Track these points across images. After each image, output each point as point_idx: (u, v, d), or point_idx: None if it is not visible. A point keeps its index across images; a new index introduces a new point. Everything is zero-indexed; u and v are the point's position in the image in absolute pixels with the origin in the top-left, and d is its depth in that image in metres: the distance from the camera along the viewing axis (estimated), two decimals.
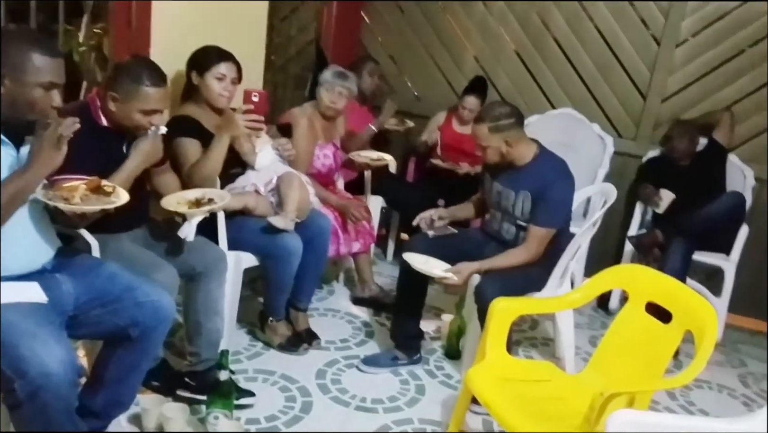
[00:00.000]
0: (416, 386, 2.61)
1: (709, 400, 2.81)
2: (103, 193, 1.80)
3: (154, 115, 2.05)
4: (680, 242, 3.22)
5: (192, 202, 2.20)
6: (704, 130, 3.53)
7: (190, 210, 2.16)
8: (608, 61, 3.88)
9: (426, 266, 2.48)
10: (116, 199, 1.80)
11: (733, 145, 3.58)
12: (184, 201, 2.20)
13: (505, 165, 2.55)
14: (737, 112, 3.62)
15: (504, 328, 2.06)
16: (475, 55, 4.17)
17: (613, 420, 1.52)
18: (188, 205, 2.18)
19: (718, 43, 3.67)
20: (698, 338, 1.75)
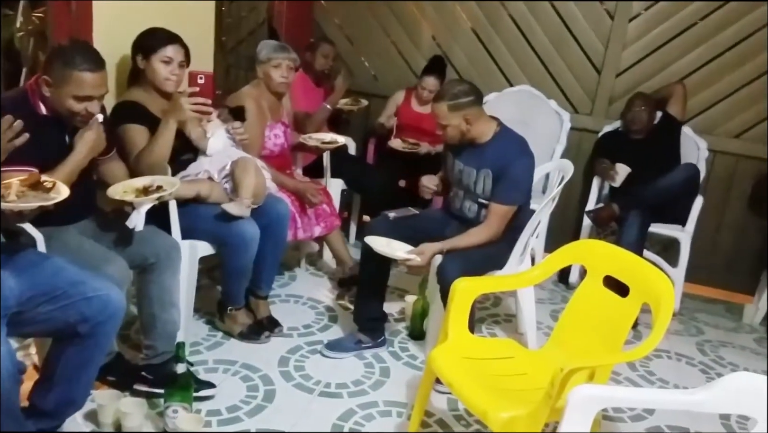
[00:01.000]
0: (381, 369, 2.59)
1: (669, 369, 2.87)
2: (43, 189, 1.72)
3: (90, 101, 1.95)
4: (636, 215, 3.26)
5: (140, 190, 2.12)
6: (658, 104, 3.57)
7: (137, 198, 2.08)
8: (563, 36, 3.88)
9: (388, 248, 2.46)
10: (56, 195, 1.72)
11: (686, 117, 3.63)
12: (131, 189, 2.12)
13: (465, 143, 2.54)
14: (690, 84, 3.67)
15: (465, 308, 2.05)
16: (432, 34, 4.13)
17: (573, 396, 1.52)
18: (135, 194, 2.10)
19: (670, 17, 3.70)
20: (655, 310, 1.76)
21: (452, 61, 4.07)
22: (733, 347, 3.18)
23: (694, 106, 3.72)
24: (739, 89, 3.68)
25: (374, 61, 4.25)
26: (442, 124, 2.49)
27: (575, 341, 2.01)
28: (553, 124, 3.84)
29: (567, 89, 3.95)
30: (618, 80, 3.85)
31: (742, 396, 1.42)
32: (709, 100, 3.72)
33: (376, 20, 4.16)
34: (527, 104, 3.89)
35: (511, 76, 4.02)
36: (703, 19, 3.65)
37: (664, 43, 3.75)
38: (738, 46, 3.63)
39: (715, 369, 2.93)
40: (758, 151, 3.66)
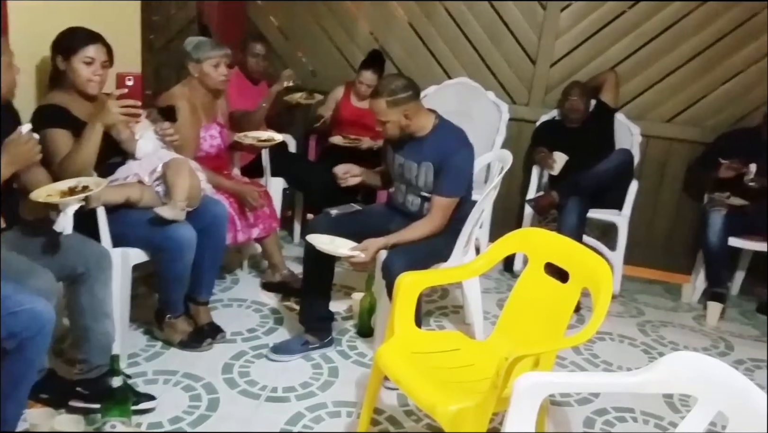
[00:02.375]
0: (329, 369, 2.55)
1: (612, 351, 2.93)
2: None
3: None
4: (575, 201, 3.32)
5: (64, 192, 2.01)
6: (592, 92, 3.64)
7: (63, 199, 1.97)
8: (498, 28, 3.91)
9: (331, 246, 2.42)
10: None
11: (619, 104, 3.72)
12: (55, 192, 2.00)
13: (405, 137, 2.52)
14: (622, 71, 3.76)
15: (411, 302, 2.03)
16: (369, 29, 4.10)
17: (518, 384, 1.52)
18: (60, 195, 1.99)
19: (600, 6, 3.77)
20: (594, 295, 1.78)
21: (390, 54, 4.05)
22: (673, 326, 3.27)
23: (627, 93, 3.81)
24: (668, 75, 3.79)
25: (311, 56, 4.19)
26: (381, 120, 2.47)
27: (520, 329, 2.02)
28: (492, 115, 3.87)
29: (504, 80, 3.99)
30: (553, 70, 3.91)
31: (682, 375, 1.45)
32: (641, 87, 3.81)
33: (312, 16, 4.10)
34: (466, 96, 3.90)
35: (449, 68, 4.03)
36: (632, 7, 3.74)
37: (596, 32, 3.82)
38: (666, 32, 3.73)
39: (657, 349, 3.01)
40: (690, 135, 3.79)
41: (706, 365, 1.43)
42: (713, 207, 3.43)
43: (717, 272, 3.45)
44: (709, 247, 3.42)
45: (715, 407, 1.38)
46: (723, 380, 1.38)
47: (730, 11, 3.62)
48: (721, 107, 3.77)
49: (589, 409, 2.42)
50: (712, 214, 3.41)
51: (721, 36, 3.67)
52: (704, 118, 3.79)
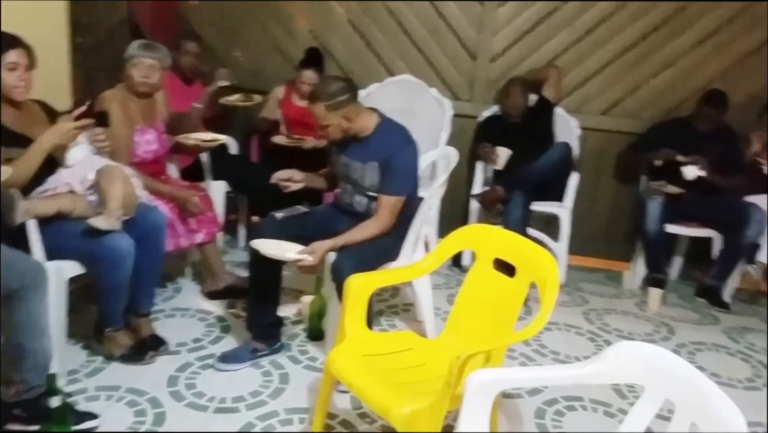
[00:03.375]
0: (280, 376, 2.50)
1: (559, 340, 2.98)
2: None
3: None
4: (519, 195, 3.37)
5: None
6: (533, 87, 3.69)
7: None
8: (437, 25, 3.93)
9: (278, 250, 2.36)
10: None
11: (561, 99, 3.78)
12: None
13: (349, 138, 2.49)
14: (559, 65, 3.83)
15: (362, 304, 2.01)
16: (307, 26, 4.05)
17: (470, 382, 1.52)
18: None
19: (534, 3, 3.83)
20: (541, 288, 1.80)
21: (330, 52, 4.01)
22: (617, 313, 3.36)
23: (564, 87, 3.87)
24: (603, 69, 3.88)
25: (250, 55, 4.10)
26: (323, 124, 2.43)
27: (470, 325, 2.03)
28: (436, 112, 3.88)
29: (446, 77, 4.01)
30: (493, 66, 3.95)
31: (628, 365, 1.47)
32: (578, 81, 3.90)
33: (248, 14, 4.02)
34: (410, 93, 3.90)
35: (391, 66, 4.02)
36: (566, 1, 3.81)
37: (532, 28, 3.88)
38: (598, 28, 3.82)
39: (602, 336, 3.08)
40: (625, 126, 3.89)
41: (652, 354, 1.45)
42: (650, 195, 3.54)
43: (656, 259, 3.56)
44: (648, 234, 3.54)
45: (662, 395, 1.40)
46: (668, 368, 1.40)
47: (658, 7, 3.74)
48: (654, 99, 3.89)
49: (540, 400, 2.45)
50: (650, 203, 3.52)
51: (650, 31, 3.79)
52: (639, 110, 3.91)
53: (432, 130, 3.80)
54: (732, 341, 3.14)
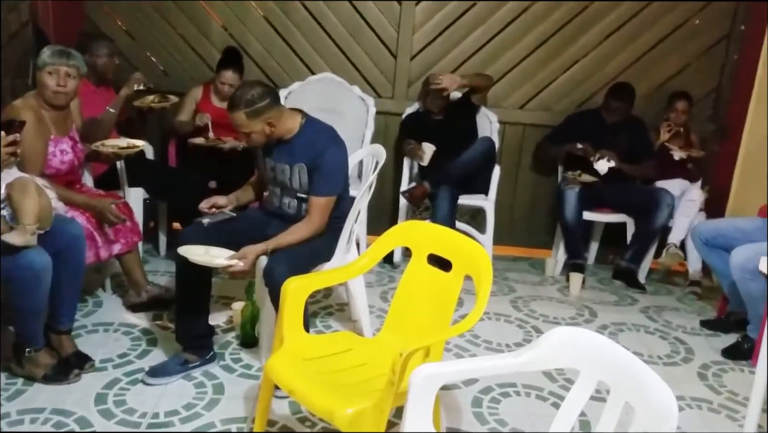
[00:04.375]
0: (214, 386, 2.43)
1: (490, 329, 3.06)
2: None
3: None
4: (446, 190, 3.44)
5: None
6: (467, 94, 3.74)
7: None
8: (357, 23, 3.93)
9: (206, 257, 2.29)
10: None
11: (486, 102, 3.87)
12: None
13: (274, 140, 2.45)
14: (476, 63, 3.92)
15: (299, 309, 1.99)
16: (222, 25, 3.95)
17: (414, 378, 1.53)
18: None
19: (450, 1, 3.89)
20: (476, 281, 1.84)
21: (248, 51, 3.93)
22: (542, 299, 3.49)
23: None
24: (517, 64, 4.01)
25: (162, 55, 3.97)
26: (245, 132, 2.38)
27: (409, 322, 2.04)
28: (359, 110, 3.88)
29: (367, 75, 4.02)
30: (413, 63, 4.00)
31: (562, 351, 1.52)
32: (495, 76, 3.98)
33: (158, 12, 3.88)
34: (332, 92, 3.89)
35: (311, 64, 3.99)
36: (479, 0, 3.90)
37: (448, 26, 3.95)
38: (511, 25, 3.94)
39: (530, 322, 3.19)
40: (541, 119, 4.05)
41: (585, 339, 1.51)
42: (567, 185, 3.69)
43: (575, 245, 3.72)
44: (566, 222, 3.69)
45: (596, 377, 1.46)
46: (601, 351, 1.46)
47: (563, 6, 3.90)
48: (566, 92, 4.06)
49: (476, 389, 2.51)
50: (567, 192, 3.67)
51: (558, 28, 3.94)
52: (552, 103, 4.07)
53: (356, 128, 3.80)
54: (650, 320, 3.32)
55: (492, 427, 2.29)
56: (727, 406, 2.53)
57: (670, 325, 3.28)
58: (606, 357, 1.45)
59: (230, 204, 2.60)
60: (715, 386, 2.69)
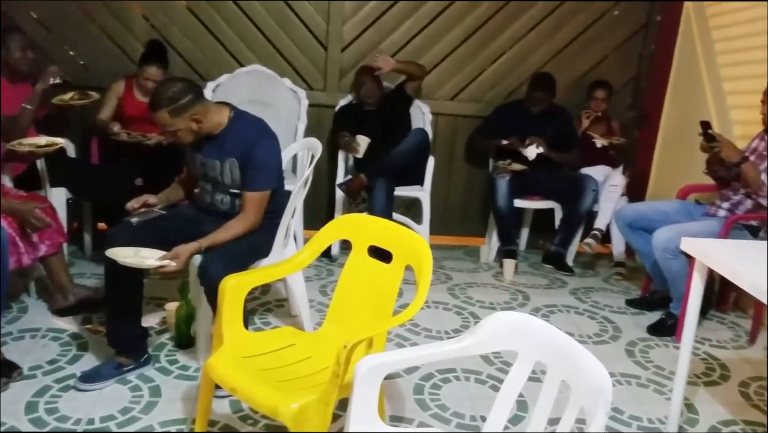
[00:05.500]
0: (150, 389, 2.36)
1: (429, 318, 3.11)
2: None
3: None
4: (382, 182, 3.46)
5: None
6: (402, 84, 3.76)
7: None
8: (285, 14, 3.88)
9: (136, 258, 2.21)
10: None
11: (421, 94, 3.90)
12: None
13: (202, 136, 2.38)
14: (406, 55, 3.95)
15: (238, 306, 1.95)
16: (143, 15, 3.81)
17: (359, 369, 1.54)
18: None
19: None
20: (417, 270, 1.86)
21: (172, 43, 3.82)
22: (477, 286, 3.57)
23: None
24: (447, 56, 4.07)
25: (80, 49, 3.78)
26: (170, 131, 2.31)
27: (351, 314, 2.05)
28: (291, 102, 3.84)
29: (298, 66, 3.98)
30: (344, 54, 3.99)
31: (501, 334, 1.57)
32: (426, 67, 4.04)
33: (77, 5, 3.70)
34: (262, 84, 3.83)
35: (239, 56, 3.92)
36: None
37: (378, 17, 3.96)
38: (440, 16, 3.99)
39: (467, 309, 3.25)
40: (471, 110, 4.13)
41: (522, 322, 1.56)
42: (498, 174, 3.78)
43: (507, 232, 3.82)
44: (499, 210, 3.78)
45: (534, 358, 1.51)
46: (538, 333, 1.51)
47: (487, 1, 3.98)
48: (494, 83, 4.15)
49: (417, 376, 2.55)
50: (498, 181, 3.76)
51: (484, 20, 4.03)
52: (482, 94, 4.16)
53: (288, 121, 3.76)
54: (579, 301, 3.46)
55: (434, 412, 2.33)
56: (654, 380, 2.67)
57: (598, 305, 3.42)
58: (542, 339, 1.50)
59: (160, 203, 2.53)
60: (642, 361, 2.83)
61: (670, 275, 3.02)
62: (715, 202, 3.12)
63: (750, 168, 2.89)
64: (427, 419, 2.28)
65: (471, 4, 3.98)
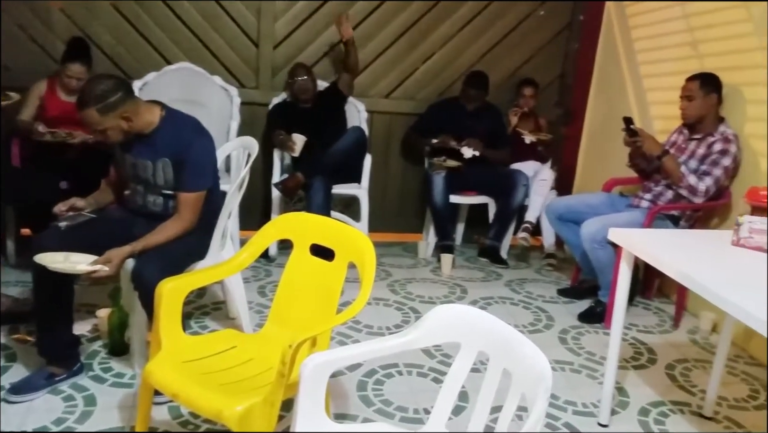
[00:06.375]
0: (84, 398, 2.27)
1: (371, 314, 3.12)
2: None
3: None
4: (320, 180, 3.45)
5: None
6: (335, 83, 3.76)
7: None
8: (214, 11, 3.81)
9: (67, 264, 2.12)
10: None
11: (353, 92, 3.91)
12: None
13: (133, 135, 2.31)
14: (340, 53, 3.95)
15: (176, 310, 1.91)
16: (61, 9, 3.65)
17: (305, 367, 1.54)
18: None
19: None
20: (360, 267, 1.87)
21: (95, 41, 3.68)
22: (417, 281, 3.62)
23: None
24: (381, 54, 4.09)
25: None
26: (99, 129, 2.22)
27: (294, 314, 2.03)
28: (222, 101, 3.77)
29: (229, 64, 3.91)
30: (276, 52, 3.95)
31: (444, 327, 1.60)
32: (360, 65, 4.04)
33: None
34: (191, 82, 3.74)
35: (167, 53, 3.81)
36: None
37: (311, 15, 3.94)
38: (373, 14, 4.01)
39: (408, 304, 3.29)
40: (406, 108, 4.17)
41: (464, 314, 1.60)
42: (434, 171, 3.84)
43: (444, 227, 3.89)
44: (435, 206, 3.85)
45: (477, 348, 1.56)
46: (480, 324, 1.56)
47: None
48: (428, 81, 4.21)
49: (360, 373, 2.56)
50: (434, 177, 3.82)
51: (416, 19, 4.08)
52: (416, 92, 4.21)
53: (220, 120, 3.69)
54: (514, 292, 3.56)
55: (378, 408, 2.35)
56: (587, 366, 2.79)
57: (532, 295, 3.54)
58: (484, 329, 1.55)
59: (88, 206, 2.44)
60: (574, 348, 2.95)
61: (597, 264, 3.15)
62: (638, 194, 3.28)
63: (670, 161, 3.05)
64: (371, 415, 2.30)
65: (402, 4, 4.03)
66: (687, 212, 3.13)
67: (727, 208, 3.15)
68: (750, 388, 2.69)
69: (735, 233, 2.14)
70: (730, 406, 2.54)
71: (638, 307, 3.47)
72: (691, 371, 2.80)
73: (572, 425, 2.33)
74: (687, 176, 3.00)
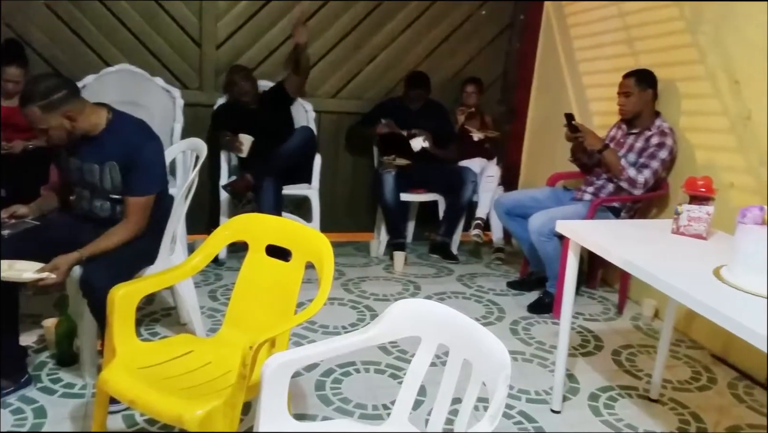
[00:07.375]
0: (34, 411, 2.19)
1: (326, 314, 3.11)
2: None
3: None
4: (270, 181, 3.42)
5: None
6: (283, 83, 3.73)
7: None
8: (154, 11, 3.73)
9: (12, 272, 2.04)
10: None
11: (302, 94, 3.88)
12: None
13: (77, 138, 2.24)
14: (284, 53, 3.93)
15: (129, 316, 1.86)
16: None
17: (266, 368, 1.53)
18: None
19: None
20: (318, 266, 1.87)
21: (30, 43, 3.54)
22: (370, 280, 3.64)
23: None
24: (327, 53, 4.09)
25: None
26: (41, 128, 2.15)
27: (251, 316, 2.01)
28: (165, 103, 3.68)
29: (171, 65, 3.84)
30: (219, 52, 3.89)
31: (404, 322, 1.63)
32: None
33: None
34: (132, 84, 3.64)
35: (105, 55, 3.71)
36: None
37: (253, 15, 3.91)
38: (318, 13, 4.00)
39: (362, 302, 3.31)
40: (353, 107, 4.18)
41: (423, 308, 1.63)
42: (384, 169, 3.87)
43: (395, 225, 3.93)
44: (386, 204, 3.88)
45: (437, 340, 1.59)
46: (439, 317, 1.59)
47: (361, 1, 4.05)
48: (374, 81, 4.24)
49: (317, 373, 2.56)
50: (384, 176, 3.85)
51: (361, 18, 4.09)
52: (363, 92, 4.22)
53: (163, 122, 3.61)
54: (465, 287, 3.63)
55: (337, 406, 2.35)
56: (538, 355, 2.87)
57: (483, 289, 3.61)
58: (444, 322, 1.58)
59: (31, 213, 2.36)
60: (525, 338, 3.03)
61: (545, 256, 3.25)
62: (581, 188, 3.39)
63: (610, 154, 3.17)
64: (330, 414, 2.30)
65: (346, 4, 4.03)
66: (627, 204, 3.26)
67: (665, 199, 3.30)
68: (692, 370, 2.83)
69: (674, 221, 2.24)
70: (674, 388, 2.66)
71: (584, 297, 3.59)
72: (636, 356, 2.92)
73: (526, 413, 2.39)
74: (627, 169, 3.13)
